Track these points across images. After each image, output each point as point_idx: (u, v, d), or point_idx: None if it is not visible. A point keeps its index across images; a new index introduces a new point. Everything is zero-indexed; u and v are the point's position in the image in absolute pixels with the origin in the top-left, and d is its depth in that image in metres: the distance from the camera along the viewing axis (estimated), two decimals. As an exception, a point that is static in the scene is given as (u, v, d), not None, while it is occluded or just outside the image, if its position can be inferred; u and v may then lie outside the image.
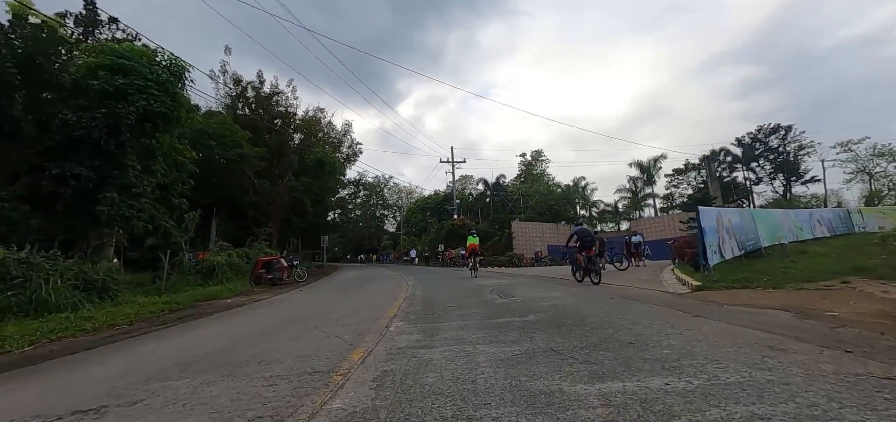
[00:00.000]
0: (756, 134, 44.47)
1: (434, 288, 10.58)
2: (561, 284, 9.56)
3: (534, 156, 60.75)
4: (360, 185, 55.56)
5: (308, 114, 35.15)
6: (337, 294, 10.75)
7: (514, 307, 6.08)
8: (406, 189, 74.12)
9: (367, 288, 12.28)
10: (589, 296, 7.03)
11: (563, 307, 5.84)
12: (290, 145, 33.23)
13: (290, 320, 6.53)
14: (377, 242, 68.01)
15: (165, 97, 14.77)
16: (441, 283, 12.38)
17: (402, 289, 10.78)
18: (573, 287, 8.68)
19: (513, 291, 8.30)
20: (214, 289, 12.73)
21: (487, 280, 12.05)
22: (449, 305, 6.89)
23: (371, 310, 7.02)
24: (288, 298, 10.54)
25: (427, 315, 5.97)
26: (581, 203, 51.93)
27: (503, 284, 10.08)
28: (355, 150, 42.78)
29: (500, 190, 50.18)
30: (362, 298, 9.47)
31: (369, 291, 11.33)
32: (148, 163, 14.86)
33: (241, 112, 31.14)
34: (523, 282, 10.72)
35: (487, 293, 8.05)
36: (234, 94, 30.52)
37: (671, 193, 49.26)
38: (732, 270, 8.75)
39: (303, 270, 16.85)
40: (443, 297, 8.10)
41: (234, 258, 16.49)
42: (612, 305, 5.86)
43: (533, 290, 8.46)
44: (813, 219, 17.31)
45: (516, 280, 11.40)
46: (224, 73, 30.50)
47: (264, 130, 31.87)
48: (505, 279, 12.27)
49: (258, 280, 15.07)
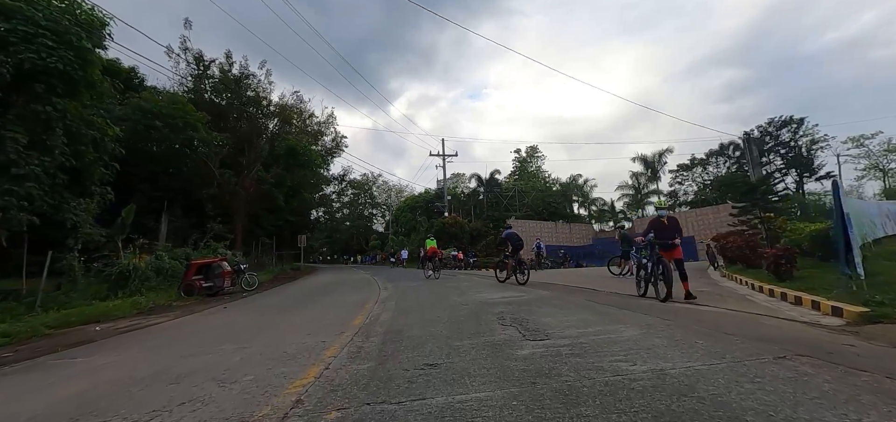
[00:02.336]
0: (766, 127, 41.88)
1: (412, 306, 7.29)
2: (609, 303, 6.28)
3: (528, 152, 57.78)
4: (343, 181, 51.81)
5: (284, 100, 31.57)
6: (273, 315, 7.39)
7: (571, 377, 2.84)
8: (395, 187, 70.76)
9: (320, 302, 8.97)
10: (688, 339, 3.79)
11: (677, 381, 2.62)
12: (263, 134, 29.62)
13: (124, 385, 3.25)
14: (365, 243, 64.37)
15: (66, 52, 11.31)
16: (425, 295, 9.10)
17: (367, 304, 7.50)
18: (634, 309, 5.39)
19: (538, 318, 5.05)
20: (116, 304, 9.31)
21: (488, 293, 8.81)
22: (428, 353, 3.61)
23: (286, 360, 3.73)
24: (193, 324, 7.14)
25: (377, 387, 2.71)
26: (580, 201, 49.00)
27: (515, 302, 6.83)
28: (339, 142, 39.31)
29: (495, 186, 47.02)
30: (299, 321, 6.18)
31: (320, 307, 8.03)
32: (42, 136, 11.38)
33: (208, 96, 27.54)
34: (542, 297, 7.46)
35: (497, 325, 4.77)
36: (195, 73, 26.83)
37: (675, 190, 46.47)
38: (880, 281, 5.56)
39: (252, 276, 13.43)
40: (419, 330, 4.80)
41: (164, 261, 13.01)
42: (757, 369, 2.64)
43: (569, 314, 5.22)
44: (882, 212, 14.38)
45: (530, 294, 8.17)
46: (186, 51, 26.83)
47: (232, 115, 28.32)
48: (510, 291, 9.02)
49: (190, 290, 11.66)
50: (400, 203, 63.94)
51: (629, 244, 12.58)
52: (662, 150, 42.42)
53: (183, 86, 27.23)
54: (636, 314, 4.87)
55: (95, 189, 14.06)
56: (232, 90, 27.97)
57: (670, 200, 46.33)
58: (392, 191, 71.07)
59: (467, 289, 9.93)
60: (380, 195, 72.24)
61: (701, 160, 44.06)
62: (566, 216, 44.46)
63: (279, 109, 30.76)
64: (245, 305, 9.56)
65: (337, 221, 70.54)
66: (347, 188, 67.14)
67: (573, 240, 40.26)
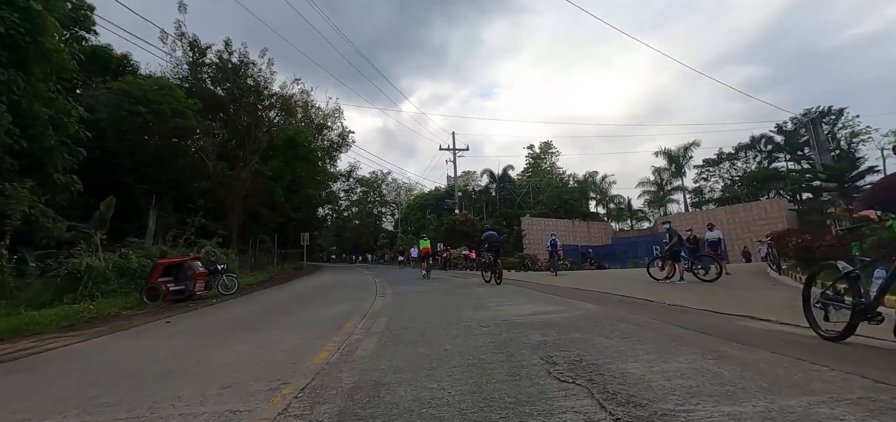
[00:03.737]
0: (802, 118, 38.77)
1: (409, 326, 5.27)
2: (731, 336, 4.13)
3: (542, 148, 55.47)
4: (350, 177, 50.00)
5: (285, 89, 29.84)
6: (211, 343, 5.41)
7: None
8: (405, 185, 69.01)
9: (292, 316, 7.03)
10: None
11: None
12: (263, 126, 27.90)
13: None
14: (374, 242, 62.65)
15: (9, 13, 9.61)
16: (429, 308, 7.09)
17: (348, 323, 5.51)
18: (824, 361, 3.14)
19: (613, 362, 2.90)
20: (46, 315, 7.47)
21: (512, 306, 6.75)
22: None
23: None
24: (94, 354, 5.18)
25: None
26: (598, 198, 46.47)
27: (556, 323, 4.77)
28: (346, 135, 37.56)
29: (507, 182, 44.79)
30: (234, 356, 4.22)
31: (285, 326, 6.08)
32: (-21, 112, 9.69)
33: (205, 86, 25.94)
34: (591, 315, 5.34)
35: (547, 379, 2.61)
36: (191, 60, 25.22)
37: (700, 187, 43.64)
38: None
39: (230, 278, 11.56)
40: (411, 388, 2.78)
41: (131, 260, 11.23)
42: None
43: (665, 356, 3.13)
44: None
45: (570, 308, 6.09)
46: (181, 37, 25.24)
47: (230, 106, 26.69)
48: (540, 302, 6.95)
49: (154, 294, 9.84)
50: (409, 201, 62.15)
51: (681, 242, 10.41)
52: (688, 143, 39.56)
53: (178, 74, 25.73)
54: (843, 375, 2.62)
55: (59, 178, 12.39)
56: (230, 79, 26.30)
57: (695, 197, 43.56)
58: (401, 189, 69.35)
59: (484, 297, 7.90)
60: (389, 194, 70.61)
61: (729, 155, 41.16)
62: (583, 214, 42.04)
63: (281, 100, 29.04)
64: (196, 319, 7.63)
65: (345, 220, 69.04)
66: (356, 186, 65.62)
67: (592, 239, 37.85)
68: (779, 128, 40.50)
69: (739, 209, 33.56)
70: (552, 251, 15.85)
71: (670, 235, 10.49)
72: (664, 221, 11.46)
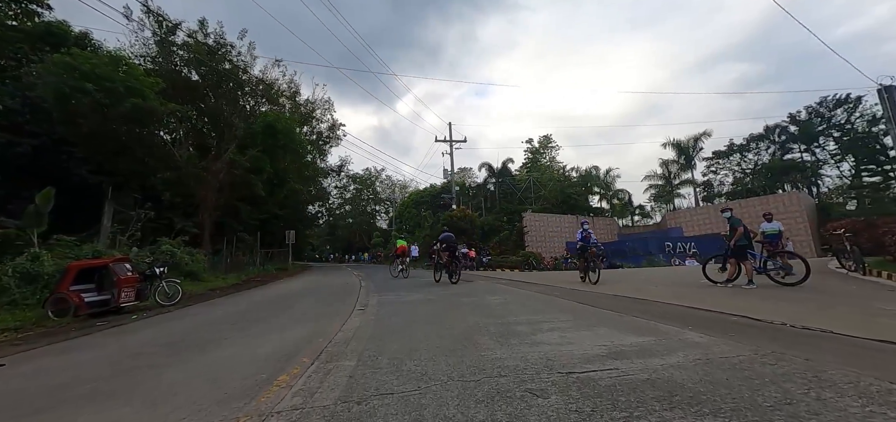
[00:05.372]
0: (817, 107, 36.80)
1: (392, 388, 2.94)
2: None
3: (542, 142, 53.17)
4: (342, 171, 47.38)
5: (265, 73, 27.33)
6: (64, 402, 3.09)
7: None
8: (400, 182, 66.46)
9: (222, 348, 4.67)
10: None
11: None
12: (243, 114, 25.38)
13: None
14: (368, 240, 60.07)
15: None
16: (420, 333, 4.76)
17: (294, 369, 3.19)
18: None
19: None
20: None
21: (552, 333, 4.44)
22: None
23: None
24: None
25: None
26: (602, 193, 44.26)
27: (666, 382, 2.47)
28: (336, 127, 35.05)
29: (507, 176, 42.47)
30: None
31: (202, 365, 3.73)
32: None
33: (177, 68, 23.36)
34: (736, 363, 3.10)
35: None
36: (158, 38, 22.61)
37: (709, 180, 41.53)
38: None
39: (172, 284, 9.10)
40: None
41: (43, 264, 8.77)
42: None
43: None
44: None
45: (664, 338, 3.81)
46: (148, 14, 22.63)
47: (205, 90, 24.16)
48: (601, 325, 4.64)
49: (62, 307, 7.42)
50: (404, 199, 59.69)
51: (747, 235, 8.14)
52: (698, 134, 37.37)
53: (147, 56, 23.15)
54: None
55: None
56: (205, 62, 23.74)
57: (704, 191, 41.50)
58: (396, 186, 66.82)
59: (501, 314, 5.58)
60: (383, 191, 68.04)
61: (740, 146, 39.06)
62: (587, 210, 39.85)
63: (264, 87, 26.52)
64: (117, 342, 5.24)
65: (337, 218, 66.44)
66: (349, 183, 63.01)
67: (598, 236, 35.64)
68: (792, 118, 38.56)
69: (755, 202, 31.47)
70: (583, 248, 10.63)
71: (732, 226, 8.20)
72: (724, 209, 9.11)
